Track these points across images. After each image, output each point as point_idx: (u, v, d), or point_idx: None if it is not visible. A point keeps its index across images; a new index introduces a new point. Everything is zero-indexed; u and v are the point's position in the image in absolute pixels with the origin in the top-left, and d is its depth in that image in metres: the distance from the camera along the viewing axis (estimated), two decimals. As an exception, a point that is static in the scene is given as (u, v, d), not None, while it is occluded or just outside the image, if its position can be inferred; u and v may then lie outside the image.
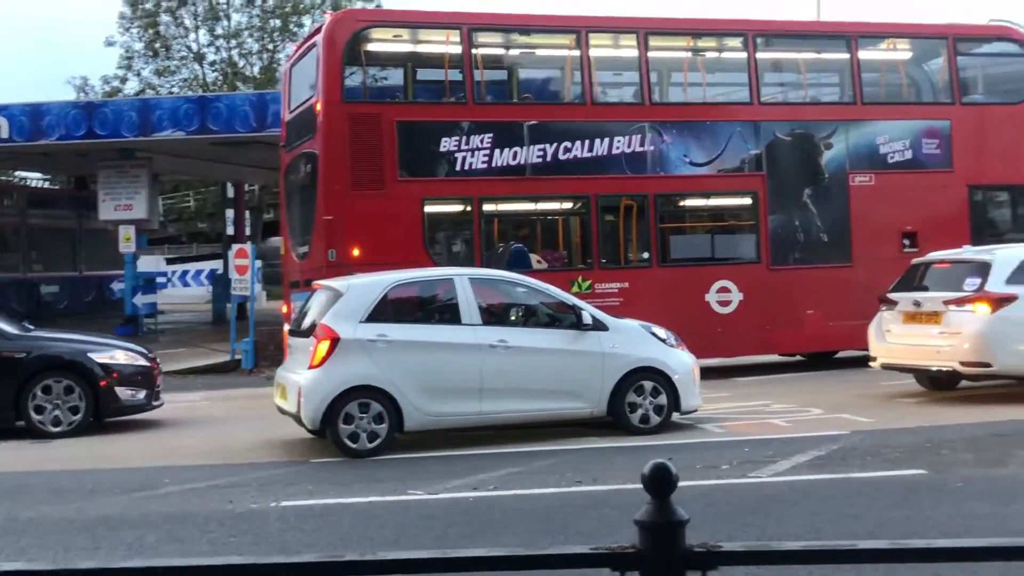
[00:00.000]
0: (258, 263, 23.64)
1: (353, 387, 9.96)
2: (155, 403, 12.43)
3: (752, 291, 16.11)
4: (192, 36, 36.28)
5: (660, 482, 2.29)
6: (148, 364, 12.42)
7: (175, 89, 34.97)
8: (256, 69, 35.37)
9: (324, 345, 9.98)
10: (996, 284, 11.99)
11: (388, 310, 10.41)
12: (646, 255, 16.16)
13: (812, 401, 12.63)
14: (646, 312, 13.71)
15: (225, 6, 35.93)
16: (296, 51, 17.72)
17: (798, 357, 17.26)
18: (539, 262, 15.82)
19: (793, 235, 16.53)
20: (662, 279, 15.90)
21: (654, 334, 11.20)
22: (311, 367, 10.02)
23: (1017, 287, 12.01)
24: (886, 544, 2.34)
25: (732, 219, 17.23)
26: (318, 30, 16.31)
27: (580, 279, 15.50)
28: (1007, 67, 18.16)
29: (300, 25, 35.28)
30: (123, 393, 12.06)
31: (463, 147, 15.25)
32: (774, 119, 16.69)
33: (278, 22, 35.42)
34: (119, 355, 12.30)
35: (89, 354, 12.09)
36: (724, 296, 16.11)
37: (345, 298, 10.28)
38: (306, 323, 10.70)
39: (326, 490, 8.58)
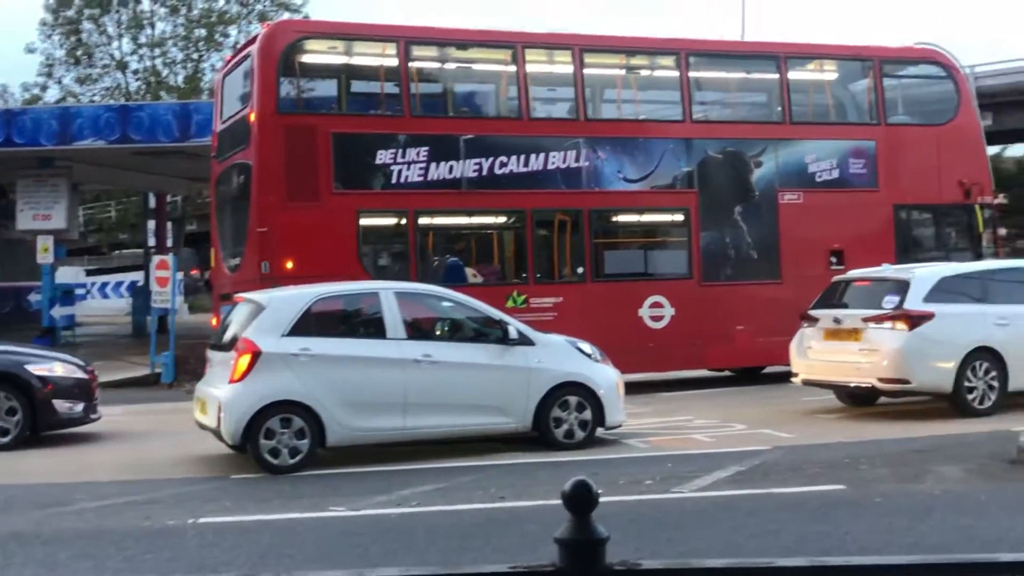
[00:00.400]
0: (179, 275, 23.44)
1: (274, 402, 9.88)
2: (93, 416, 12.23)
3: (684, 307, 16.27)
4: (115, 44, 35.70)
5: (580, 500, 2.29)
6: (86, 376, 12.25)
7: (97, 98, 34.40)
8: (180, 79, 34.95)
9: (245, 359, 9.90)
10: (914, 302, 12.21)
11: (311, 324, 10.35)
12: (580, 270, 16.25)
13: (735, 416, 12.75)
14: (580, 327, 13.79)
15: (149, 15, 35.46)
16: (229, 60, 17.63)
17: (727, 372, 17.45)
18: (474, 276, 15.86)
19: (724, 252, 16.72)
20: (596, 294, 16.00)
21: (580, 349, 11.26)
22: (232, 381, 9.94)
23: (935, 305, 12.25)
24: (804, 561, 2.36)
25: (665, 235, 17.40)
26: (253, 40, 16.25)
27: (515, 294, 15.56)
28: (931, 89, 18.55)
29: (225, 35, 34.99)
30: (61, 406, 11.87)
31: (399, 160, 15.24)
32: (706, 137, 16.89)
33: (203, 32, 35.03)
34: (57, 367, 12.11)
35: (27, 366, 11.88)
36: (657, 311, 16.25)
37: (267, 311, 10.22)
38: (227, 336, 10.61)
39: (245, 506, 8.51)
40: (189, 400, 11.92)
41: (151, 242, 29.90)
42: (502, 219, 16.64)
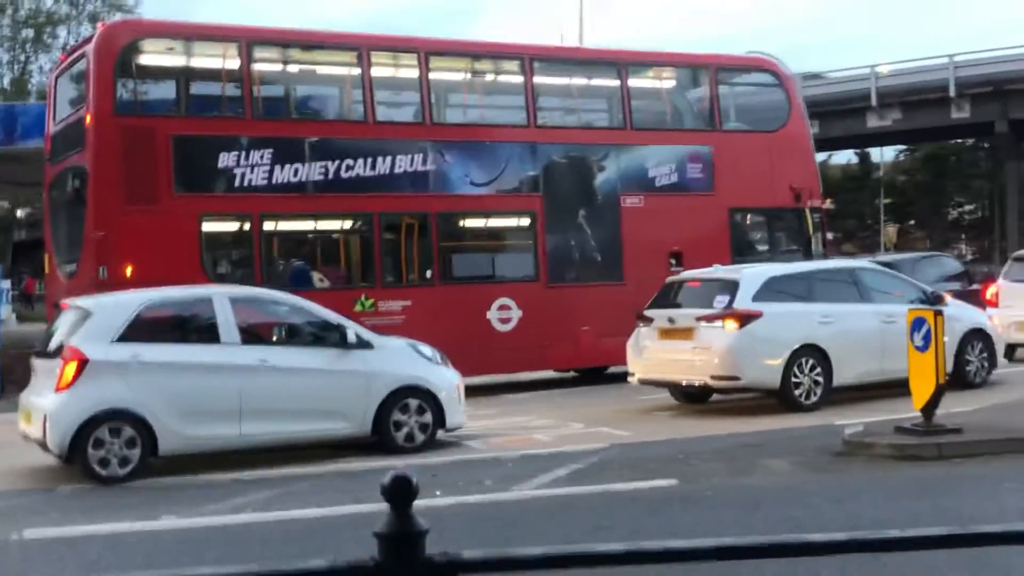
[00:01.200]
0: (7, 284, 22.56)
1: (103, 411, 9.65)
2: None
3: (531, 308, 16.47)
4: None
5: (399, 492, 2.29)
6: None
7: (-82, 99, 32.95)
8: (7, 80, 33.67)
9: (71, 367, 9.64)
10: (744, 301, 12.65)
11: (142, 330, 10.13)
12: (428, 273, 16.29)
13: (574, 416, 12.98)
14: (429, 330, 13.85)
15: (-26, 15, 34.24)
16: (64, 60, 17.10)
17: (572, 373, 17.76)
18: (321, 280, 15.73)
19: (569, 254, 16.99)
20: (444, 297, 16.06)
21: (420, 352, 11.30)
22: (58, 390, 9.67)
23: (763, 304, 12.71)
24: (623, 547, 2.42)
25: (512, 238, 17.58)
26: (88, 40, 15.79)
27: (363, 297, 15.50)
28: (764, 97, 19.22)
29: (54, 36, 33.91)
30: None
31: (242, 163, 15.02)
32: (550, 142, 17.12)
33: (31, 32, 33.85)
34: None
35: None
36: (505, 313, 16.41)
37: (95, 317, 9.96)
38: (53, 344, 10.31)
39: (74, 518, 8.30)
40: (14, 411, 11.52)
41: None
42: (349, 223, 16.55)
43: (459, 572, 2.31)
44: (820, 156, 35.26)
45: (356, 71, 16.19)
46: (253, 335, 10.74)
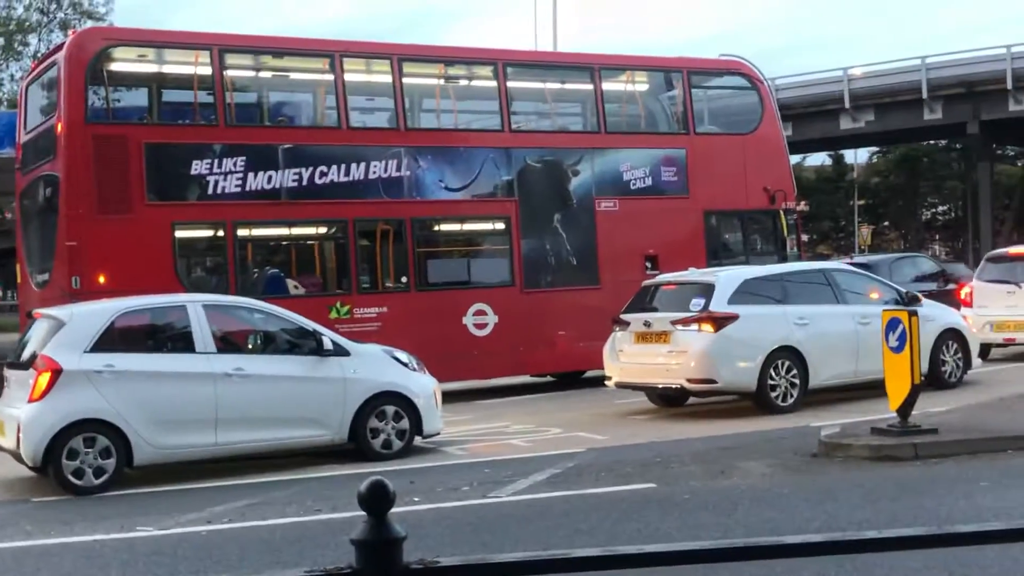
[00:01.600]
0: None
1: (77, 421, 9.59)
2: None
3: (507, 314, 16.45)
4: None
5: (376, 499, 2.28)
6: None
7: None
8: (-24, 88, 33.37)
9: (45, 377, 9.56)
10: (719, 304, 12.68)
11: (115, 339, 10.07)
12: (404, 279, 16.24)
13: (551, 421, 12.98)
14: (405, 336, 13.83)
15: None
16: (35, 68, 16.97)
17: (549, 377, 17.75)
18: (296, 288, 15.66)
19: (544, 259, 16.98)
20: (420, 303, 16.02)
21: (396, 358, 11.27)
22: (31, 400, 9.59)
23: (739, 307, 12.75)
24: (600, 551, 2.41)
25: (487, 243, 17.57)
26: (59, 47, 15.68)
27: (338, 304, 15.44)
28: (737, 99, 19.31)
29: (25, 44, 33.63)
30: None
31: (215, 170, 14.94)
32: (525, 146, 17.12)
33: (1, 40, 33.56)
34: None
35: None
36: (481, 319, 16.39)
37: (68, 327, 9.89)
38: (26, 354, 10.22)
39: (48, 530, 8.24)
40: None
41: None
42: (324, 229, 16.49)
43: (436, 580, 2.29)
44: (794, 158, 35.41)
45: (329, 77, 16.15)
46: (228, 343, 10.69)
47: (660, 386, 13.16)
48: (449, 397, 13.06)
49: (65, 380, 9.61)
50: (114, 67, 15.31)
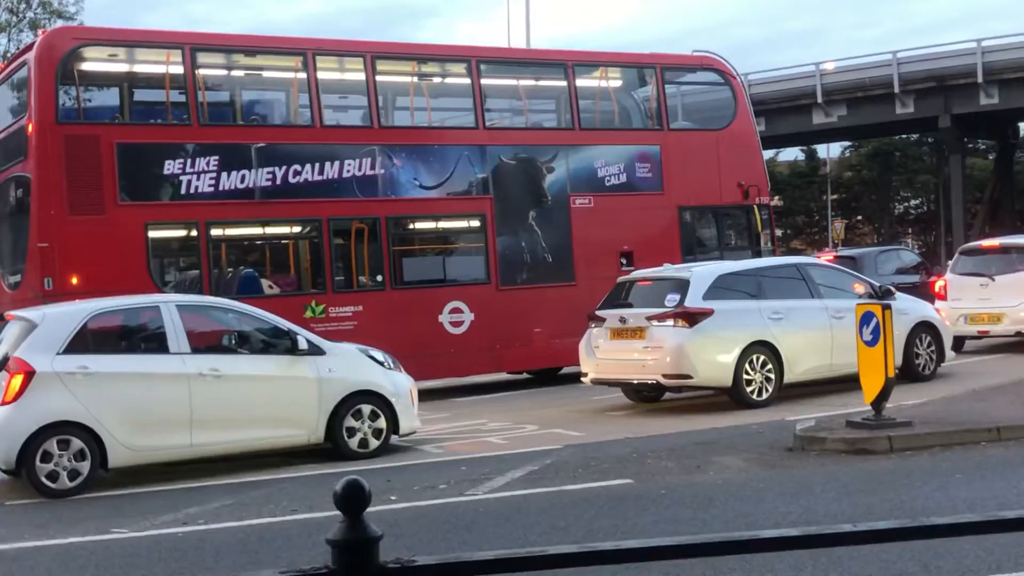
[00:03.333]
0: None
1: (51, 423, 9.52)
2: None
3: (483, 311, 16.44)
4: None
5: (351, 499, 2.28)
6: None
7: None
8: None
9: (17, 379, 9.48)
10: (694, 300, 12.71)
11: (88, 340, 10.00)
12: (379, 278, 16.21)
13: (528, 418, 12.99)
14: (381, 335, 13.80)
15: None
16: (4, 68, 16.81)
17: (525, 375, 17.75)
18: (271, 287, 15.60)
19: (520, 256, 16.98)
20: (396, 301, 15.99)
21: (372, 357, 11.24)
22: (3, 403, 9.50)
23: (714, 302, 12.78)
24: (577, 548, 2.43)
25: (462, 241, 17.55)
26: (30, 47, 15.55)
27: (314, 303, 15.40)
28: (711, 95, 19.36)
29: (-6, 43, 33.29)
30: None
31: (188, 170, 14.86)
32: (499, 143, 17.10)
33: (-30, 39, 33.25)
34: None
35: None
36: (457, 317, 16.37)
37: (40, 329, 9.81)
38: (-2, 357, 10.14)
39: (21, 533, 8.18)
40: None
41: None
42: (298, 228, 16.43)
43: (413, 578, 2.29)
44: (767, 153, 35.54)
45: (302, 75, 16.08)
46: (202, 343, 10.63)
47: (636, 382, 13.19)
48: (426, 395, 13.05)
49: (38, 382, 9.53)
50: (85, 67, 15.20)
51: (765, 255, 17.78)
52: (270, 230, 16.45)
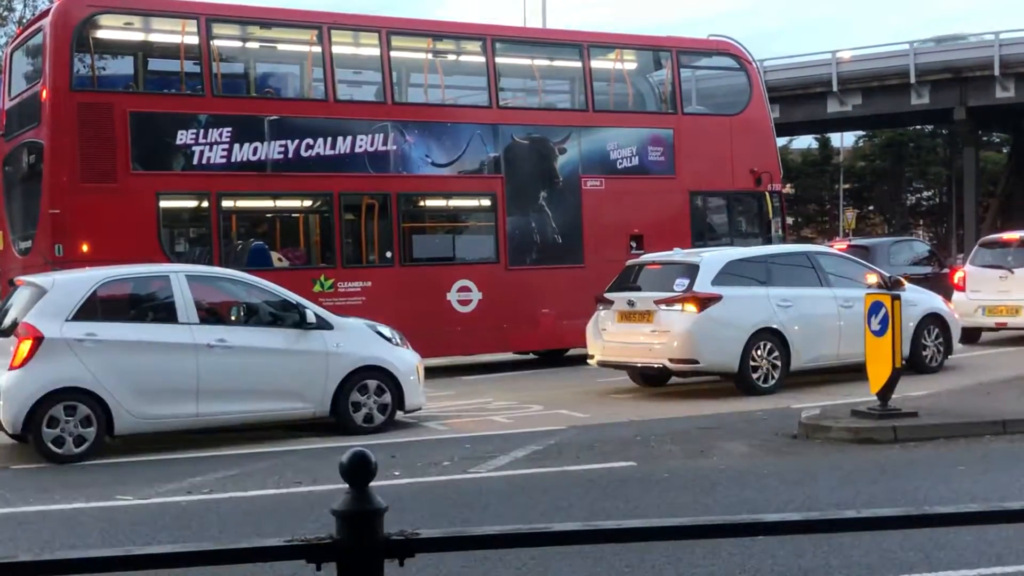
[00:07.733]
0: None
1: (58, 389, 9.57)
2: None
3: (491, 291, 16.44)
4: None
5: (358, 470, 2.28)
6: None
7: None
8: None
9: (26, 345, 9.53)
10: (703, 285, 12.69)
11: (97, 308, 10.03)
12: (389, 254, 16.21)
13: (533, 398, 13.00)
14: (389, 311, 13.81)
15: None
16: (20, 34, 16.82)
17: (531, 355, 17.75)
18: (280, 260, 15.62)
19: (530, 236, 16.97)
20: (404, 278, 16.00)
21: (379, 333, 11.26)
22: (12, 368, 9.55)
23: (722, 288, 12.77)
24: (579, 526, 2.44)
25: (472, 220, 17.54)
26: (45, 13, 15.53)
27: (322, 278, 15.41)
28: (726, 80, 19.27)
29: (11, 9, 33.11)
30: None
31: (200, 140, 14.87)
32: (512, 123, 17.06)
33: (-16, 5, 33.09)
34: None
35: None
36: (465, 295, 16.38)
37: (50, 295, 9.84)
38: (7, 322, 10.17)
39: (27, 497, 8.24)
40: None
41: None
42: (309, 202, 16.44)
43: (416, 550, 2.30)
44: (781, 141, 35.34)
45: (317, 49, 16.05)
46: (211, 314, 10.67)
47: (642, 365, 13.19)
48: (432, 372, 13.08)
49: (46, 348, 9.57)
50: (100, 34, 15.19)
51: (776, 242, 17.72)
52: (281, 203, 16.46)
